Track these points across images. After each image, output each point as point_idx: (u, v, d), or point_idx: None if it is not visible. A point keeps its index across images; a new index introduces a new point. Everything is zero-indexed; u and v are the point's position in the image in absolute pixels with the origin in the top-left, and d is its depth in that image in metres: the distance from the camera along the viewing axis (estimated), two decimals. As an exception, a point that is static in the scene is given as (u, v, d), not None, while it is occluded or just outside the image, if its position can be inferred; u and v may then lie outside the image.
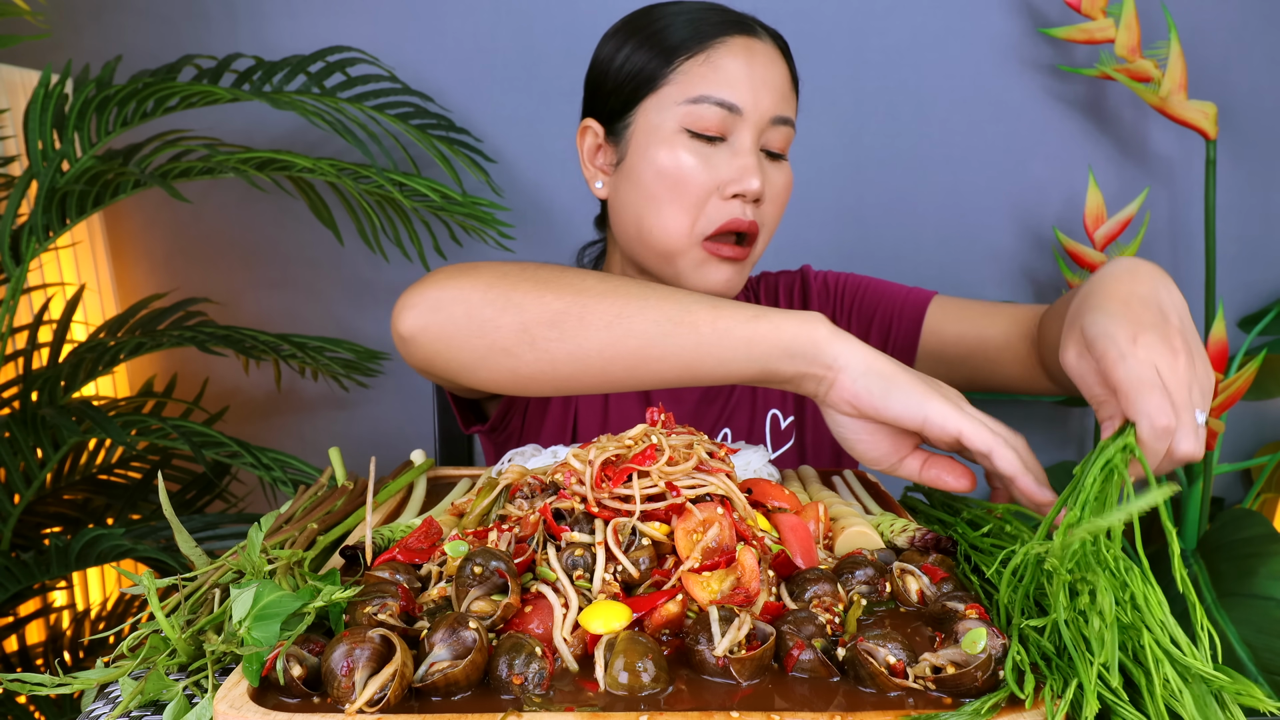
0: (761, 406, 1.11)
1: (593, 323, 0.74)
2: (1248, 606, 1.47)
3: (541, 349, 0.75)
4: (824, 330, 0.70)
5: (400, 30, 1.80)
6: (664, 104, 0.96)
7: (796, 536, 0.65)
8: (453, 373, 0.80)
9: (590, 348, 0.74)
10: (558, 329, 0.75)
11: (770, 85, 0.96)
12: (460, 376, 0.80)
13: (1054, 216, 1.86)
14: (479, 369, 0.78)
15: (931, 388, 0.67)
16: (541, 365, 0.76)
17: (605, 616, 0.54)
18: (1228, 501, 1.96)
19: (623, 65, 0.99)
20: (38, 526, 1.60)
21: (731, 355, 0.72)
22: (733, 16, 0.99)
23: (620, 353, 0.74)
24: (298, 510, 0.79)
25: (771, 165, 0.99)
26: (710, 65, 0.95)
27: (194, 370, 1.90)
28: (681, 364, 0.73)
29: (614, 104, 1.00)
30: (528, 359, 0.76)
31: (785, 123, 0.98)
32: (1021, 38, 1.81)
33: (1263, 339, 1.81)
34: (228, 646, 0.53)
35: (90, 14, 1.79)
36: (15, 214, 1.44)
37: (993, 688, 0.49)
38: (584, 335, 0.74)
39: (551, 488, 0.67)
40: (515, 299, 0.76)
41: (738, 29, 0.97)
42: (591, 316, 0.74)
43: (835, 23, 1.80)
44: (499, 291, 0.76)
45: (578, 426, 1.10)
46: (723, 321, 0.72)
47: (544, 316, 0.75)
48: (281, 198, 1.83)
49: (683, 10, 0.99)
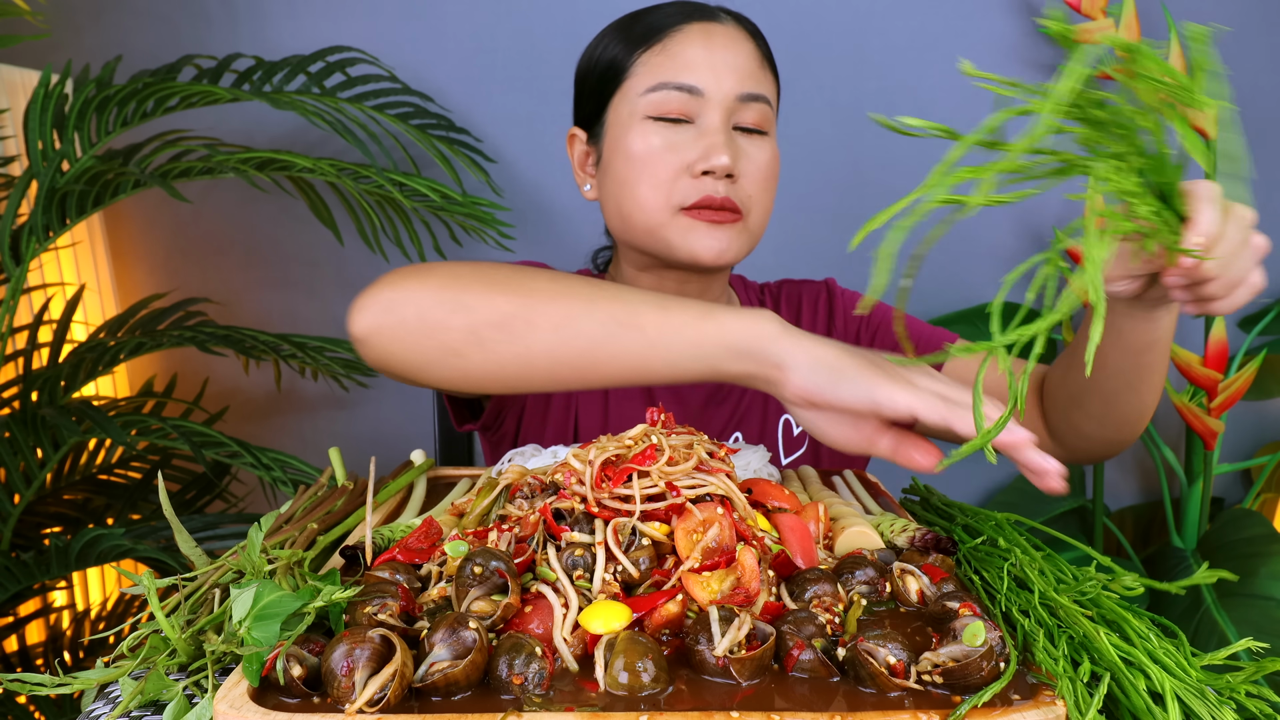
0: (774, 412, 1.10)
1: (540, 325, 0.75)
2: (1248, 606, 1.47)
3: (490, 350, 0.76)
4: (771, 328, 0.70)
5: (400, 30, 1.80)
6: (629, 97, 0.99)
7: (796, 536, 0.65)
8: (406, 373, 0.81)
9: (538, 350, 0.75)
10: (505, 331, 0.76)
11: (732, 65, 0.97)
12: (414, 376, 0.81)
13: (1054, 216, 1.86)
14: (430, 369, 0.79)
15: (879, 370, 0.66)
16: (490, 366, 0.77)
17: (605, 616, 0.54)
18: (1228, 501, 1.96)
19: (593, 69, 1.04)
20: (38, 526, 1.60)
21: (679, 356, 0.73)
22: (692, 7, 1.01)
23: (567, 355, 0.75)
24: (298, 510, 0.79)
25: (748, 142, 0.99)
26: (667, 54, 0.97)
27: (194, 370, 1.90)
28: (629, 365, 0.74)
29: (590, 108, 1.05)
30: (476, 360, 0.77)
31: (756, 99, 0.98)
32: (1021, 38, 1.81)
33: (1263, 339, 1.81)
34: (228, 646, 0.53)
35: (90, 14, 1.79)
36: (15, 214, 1.44)
37: (996, 678, 0.49)
38: (531, 337, 0.75)
39: (551, 488, 0.67)
40: (465, 301, 0.77)
41: (696, 17, 0.99)
42: (539, 319, 0.75)
43: (835, 23, 1.81)
44: (450, 293, 0.77)
45: (579, 427, 1.10)
46: (670, 323, 0.73)
47: (492, 318, 0.76)
48: (281, 198, 1.83)
49: (649, 10, 1.02)
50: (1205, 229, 0.62)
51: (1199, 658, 0.53)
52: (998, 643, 0.50)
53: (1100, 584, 0.60)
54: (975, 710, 0.47)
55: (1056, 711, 0.47)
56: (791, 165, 1.83)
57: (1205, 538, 1.70)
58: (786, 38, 1.80)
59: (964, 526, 0.77)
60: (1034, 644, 0.54)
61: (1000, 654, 0.50)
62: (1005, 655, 0.50)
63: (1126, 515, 1.97)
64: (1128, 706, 0.51)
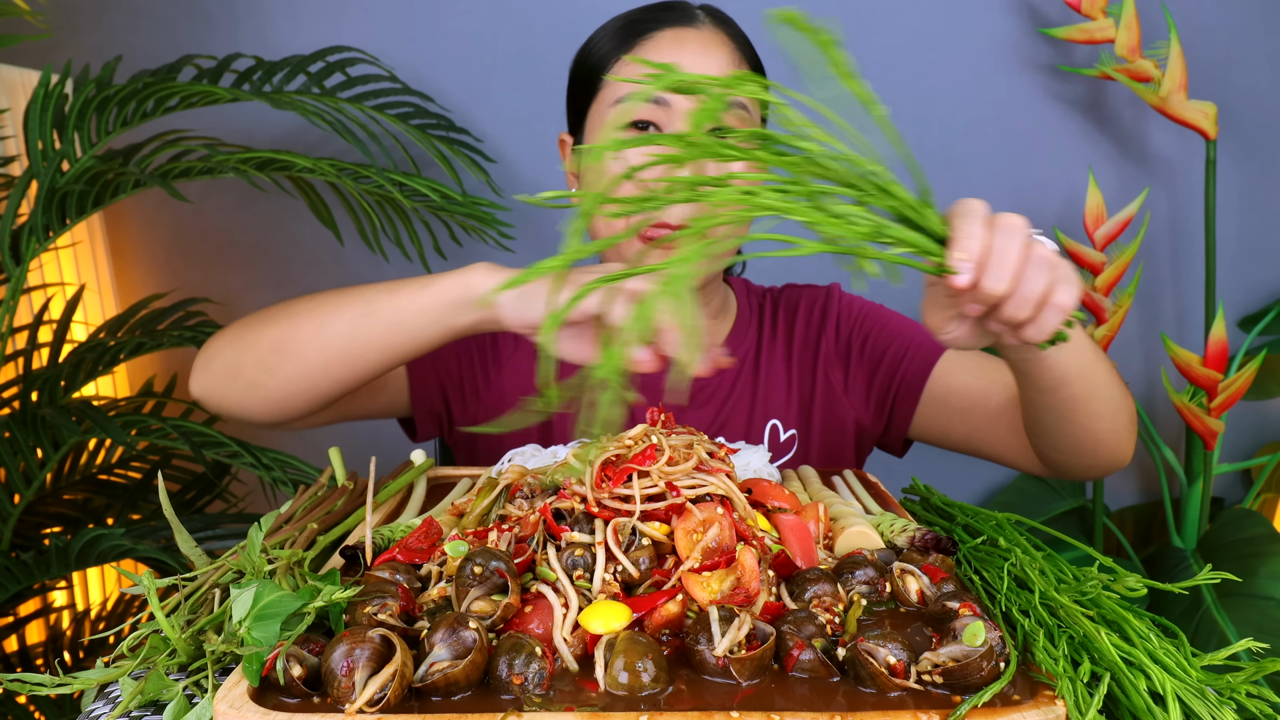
0: (760, 415, 1.10)
1: (303, 339, 0.86)
2: (1248, 606, 1.47)
3: (277, 374, 0.87)
4: (479, 276, 0.79)
5: (400, 30, 1.80)
6: (602, 107, 0.99)
7: (796, 536, 0.65)
8: (237, 415, 0.92)
9: (310, 360, 0.86)
10: (282, 353, 0.86)
11: (703, 70, 0.94)
12: (243, 417, 0.92)
13: (1054, 216, 1.86)
14: (248, 407, 0.90)
15: (566, 282, 0.69)
16: (283, 388, 0.87)
17: (605, 616, 0.54)
18: (1228, 501, 1.96)
19: (574, 76, 1.05)
20: (38, 526, 1.60)
21: (416, 325, 0.83)
22: (661, 11, 1.00)
23: (333, 357, 0.85)
24: (298, 510, 0.79)
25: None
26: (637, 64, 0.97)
27: (194, 370, 1.90)
28: (384, 348, 0.84)
29: (573, 114, 1.05)
30: (271, 386, 0.88)
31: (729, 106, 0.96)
32: (1021, 38, 1.81)
33: (1263, 339, 1.81)
34: (228, 646, 0.53)
35: (90, 14, 1.79)
36: (15, 214, 1.44)
37: (996, 678, 0.49)
38: (301, 352, 0.86)
39: (551, 488, 0.67)
40: (249, 339, 0.89)
41: (670, 22, 0.98)
42: (301, 334, 0.86)
43: (835, 23, 1.80)
44: (239, 337, 0.89)
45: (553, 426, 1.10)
46: (399, 301, 0.83)
47: (269, 346, 0.87)
48: (281, 198, 1.82)
49: (628, 14, 1.01)
50: (965, 244, 0.61)
51: (1199, 658, 0.53)
52: (998, 643, 0.50)
53: (1101, 584, 0.60)
54: (975, 710, 0.47)
55: (1056, 711, 0.47)
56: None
57: (1205, 538, 1.70)
58: (786, 38, 1.80)
59: (964, 526, 0.77)
60: (1034, 644, 0.54)
61: (1000, 654, 0.50)
62: (1005, 655, 0.51)
63: (1126, 515, 1.97)
64: (1128, 706, 0.51)
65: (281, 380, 0.88)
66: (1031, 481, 1.89)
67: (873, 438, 1.12)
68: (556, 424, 1.09)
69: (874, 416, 1.09)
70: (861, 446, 1.13)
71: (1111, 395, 0.85)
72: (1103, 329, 1.71)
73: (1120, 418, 0.88)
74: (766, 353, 1.11)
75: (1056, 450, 0.92)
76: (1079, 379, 0.80)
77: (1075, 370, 0.79)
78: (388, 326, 0.84)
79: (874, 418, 1.09)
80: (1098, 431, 0.87)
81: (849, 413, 1.09)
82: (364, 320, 0.84)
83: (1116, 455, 0.92)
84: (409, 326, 0.83)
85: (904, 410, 1.07)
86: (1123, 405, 0.88)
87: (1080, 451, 0.90)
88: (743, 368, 1.10)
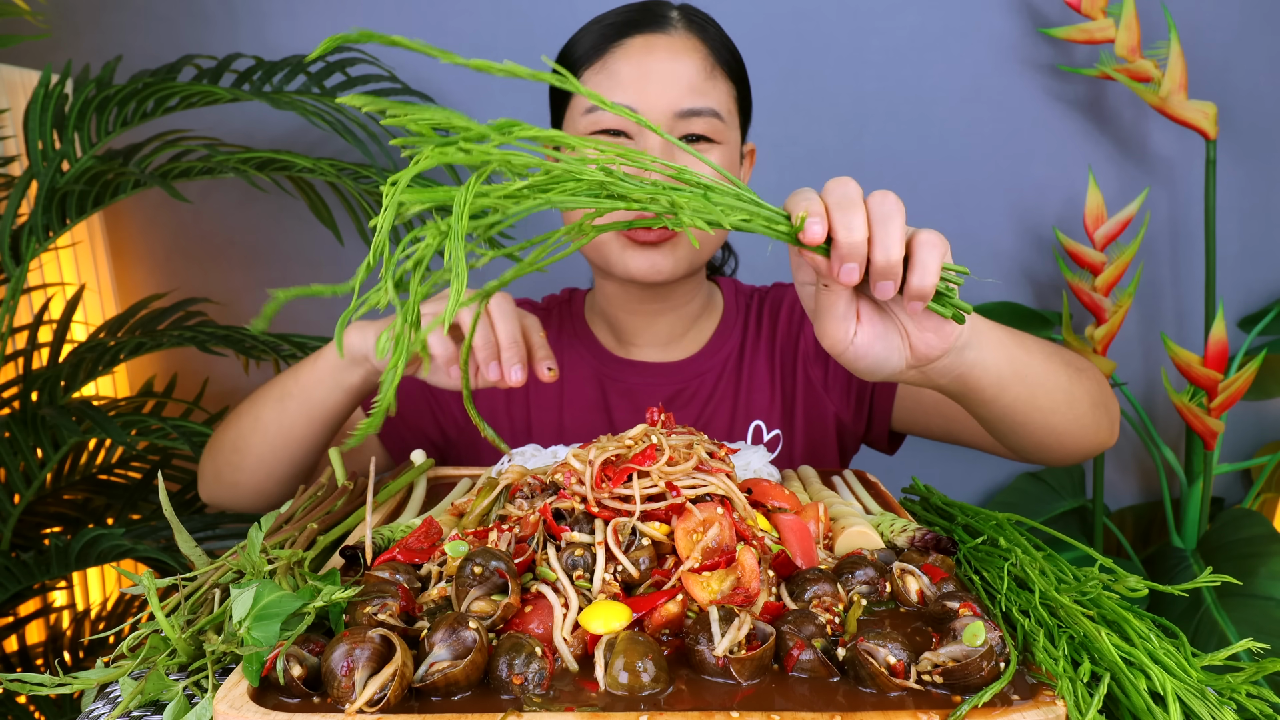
0: (743, 416, 1.09)
1: (246, 434, 0.97)
2: (1248, 606, 1.47)
3: (242, 470, 0.98)
4: (351, 336, 0.87)
5: (400, 30, 1.80)
6: (574, 117, 1.00)
7: (796, 536, 0.65)
8: (239, 508, 1.04)
9: (260, 451, 0.96)
10: (238, 452, 0.98)
11: (670, 80, 0.95)
12: (240, 506, 1.03)
13: (1054, 216, 1.86)
14: (237, 500, 1.02)
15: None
16: (252, 480, 0.98)
17: (605, 616, 0.54)
18: (1228, 501, 1.96)
19: (554, 86, 1.02)
20: (38, 526, 1.60)
21: (323, 395, 0.92)
22: (635, 15, 0.99)
23: (274, 443, 0.95)
24: (298, 510, 0.79)
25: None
26: (605, 73, 0.97)
27: (194, 370, 1.90)
28: (307, 423, 0.94)
29: (554, 115, 1.06)
30: (243, 481, 0.99)
31: (696, 114, 0.96)
32: (1021, 38, 1.81)
33: (1263, 339, 1.81)
34: (228, 646, 0.53)
35: (90, 14, 1.79)
36: (15, 214, 1.44)
37: (996, 678, 0.49)
38: (250, 447, 0.97)
39: (551, 488, 0.67)
40: (217, 444, 1.01)
41: (638, 28, 0.98)
42: (244, 431, 0.97)
43: (835, 23, 1.80)
44: (213, 442, 1.03)
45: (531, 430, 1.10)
46: (302, 378, 0.93)
47: (229, 448, 0.99)
48: (281, 198, 1.83)
49: (598, 19, 1.01)
50: (804, 204, 0.61)
51: (1199, 658, 0.53)
52: (998, 643, 0.50)
53: (1101, 584, 0.60)
54: (975, 710, 0.47)
55: (1056, 711, 0.47)
56: (792, 165, 1.83)
57: (1205, 538, 1.70)
58: (786, 38, 1.80)
59: (964, 526, 0.77)
60: (1034, 644, 0.54)
61: (1000, 654, 0.50)
62: (1005, 655, 0.51)
63: (1126, 515, 1.97)
64: (1128, 707, 0.51)
65: (248, 474, 0.98)
66: (1031, 481, 1.89)
67: (856, 435, 1.12)
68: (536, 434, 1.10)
69: (854, 413, 1.09)
70: (845, 444, 1.12)
71: (1059, 387, 0.81)
72: (1103, 329, 1.71)
73: (1078, 407, 0.84)
74: (750, 353, 1.11)
75: (1023, 450, 0.89)
76: (1015, 381, 0.77)
77: (1008, 373, 0.75)
78: (301, 404, 0.93)
79: (855, 415, 1.09)
80: (1055, 426, 0.83)
81: (830, 410, 1.09)
82: (282, 404, 0.94)
83: (1087, 443, 0.88)
84: (316, 398, 0.92)
85: (882, 406, 1.07)
86: (1080, 393, 0.84)
87: (1045, 447, 0.87)
88: (724, 368, 1.10)
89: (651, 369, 1.10)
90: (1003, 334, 0.76)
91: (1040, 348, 0.81)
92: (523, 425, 1.10)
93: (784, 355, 1.10)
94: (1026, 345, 0.79)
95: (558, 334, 1.13)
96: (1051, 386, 0.80)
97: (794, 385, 1.09)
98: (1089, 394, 0.85)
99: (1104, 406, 0.88)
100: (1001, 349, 0.74)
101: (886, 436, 1.11)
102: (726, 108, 0.99)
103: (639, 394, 1.09)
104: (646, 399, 1.09)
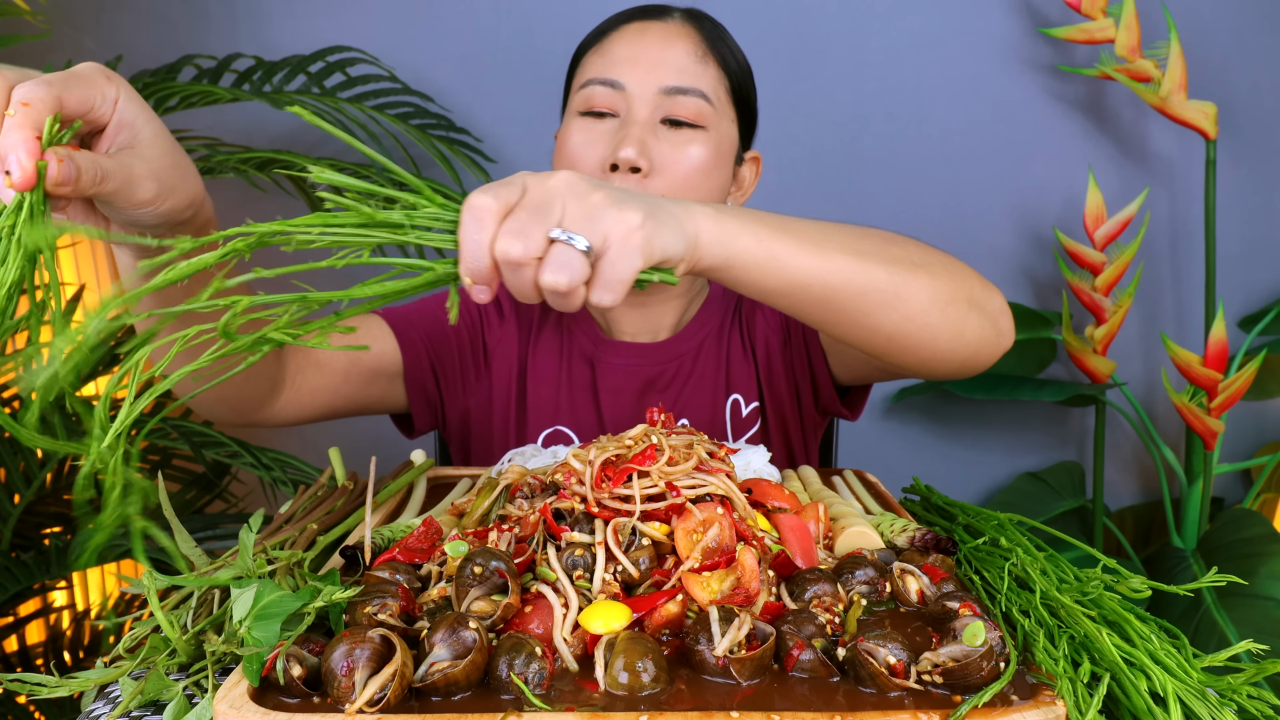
0: (722, 393, 1.10)
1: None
2: (1248, 606, 1.47)
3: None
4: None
5: (400, 30, 1.80)
6: (571, 97, 1.03)
7: (796, 536, 0.65)
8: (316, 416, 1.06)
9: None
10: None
11: (661, 60, 0.97)
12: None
13: (1054, 216, 1.86)
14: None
15: None
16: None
17: (605, 616, 0.54)
18: (1228, 501, 1.96)
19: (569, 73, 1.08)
20: (38, 526, 1.60)
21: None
22: (638, 9, 1.03)
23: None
24: (298, 510, 0.79)
25: (676, 136, 0.97)
26: (600, 53, 1.00)
27: (194, 370, 1.90)
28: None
29: (562, 111, 1.08)
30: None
31: (684, 92, 0.96)
32: (1021, 38, 1.81)
33: (1263, 339, 1.81)
34: (228, 646, 0.53)
35: (90, 14, 1.79)
36: (15, 214, 1.44)
37: (996, 678, 0.49)
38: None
39: (551, 488, 0.67)
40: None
41: (637, 17, 1.01)
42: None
43: (835, 23, 1.80)
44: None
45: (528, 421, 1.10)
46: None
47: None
48: (281, 198, 1.83)
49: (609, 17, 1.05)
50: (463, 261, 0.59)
51: (1200, 659, 0.53)
52: (998, 643, 0.50)
53: (1103, 585, 0.60)
54: (975, 710, 0.47)
55: (1056, 711, 0.47)
56: (791, 165, 1.83)
57: (1205, 538, 1.70)
58: (786, 38, 1.80)
59: (965, 526, 0.77)
60: (1034, 644, 0.54)
61: (1000, 654, 0.50)
62: (1005, 655, 0.50)
63: (1126, 515, 1.97)
64: (1128, 707, 0.51)
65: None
66: (1032, 481, 1.89)
67: (825, 397, 1.09)
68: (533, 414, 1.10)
69: (812, 373, 1.08)
70: (816, 409, 1.11)
71: (874, 286, 0.71)
72: (1103, 329, 1.71)
73: (911, 304, 0.72)
74: (730, 331, 1.12)
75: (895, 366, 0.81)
76: (847, 280, 0.69)
77: (838, 274, 0.68)
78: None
79: (814, 374, 1.08)
80: (880, 327, 0.73)
81: (796, 374, 1.09)
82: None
83: (947, 345, 0.76)
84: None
85: (818, 356, 1.06)
86: (918, 289, 0.73)
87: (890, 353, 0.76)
88: (702, 347, 1.10)
89: (634, 349, 1.10)
90: (823, 233, 0.69)
91: (849, 244, 0.71)
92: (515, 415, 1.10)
93: (763, 329, 1.11)
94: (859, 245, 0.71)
95: (545, 311, 1.13)
96: (861, 284, 0.70)
97: (767, 355, 1.10)
98: (931, 290, 0.74)
99: (966, 303, 0.76)
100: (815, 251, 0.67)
101: (837, 395, 1.08)
102: (716, 94, 0.99)
103: (619, 381, 1.09)
104: (626, 385, 1.09)
